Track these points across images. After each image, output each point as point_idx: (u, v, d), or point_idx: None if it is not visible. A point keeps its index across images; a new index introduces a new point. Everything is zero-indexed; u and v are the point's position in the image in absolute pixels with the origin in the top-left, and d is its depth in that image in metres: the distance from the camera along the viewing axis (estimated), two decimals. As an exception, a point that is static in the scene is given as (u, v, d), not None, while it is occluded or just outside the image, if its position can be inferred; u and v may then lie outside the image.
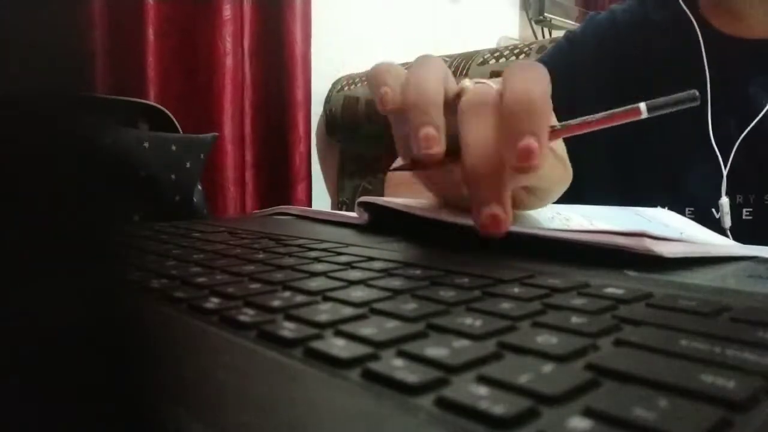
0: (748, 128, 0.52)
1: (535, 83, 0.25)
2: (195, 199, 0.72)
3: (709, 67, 0.55)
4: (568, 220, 0.37)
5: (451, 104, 0.28)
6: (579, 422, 0.10)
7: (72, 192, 0.09)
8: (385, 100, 0.28)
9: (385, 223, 0.36)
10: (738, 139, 0.52)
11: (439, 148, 0.26)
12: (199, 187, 0.76)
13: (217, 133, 0.78)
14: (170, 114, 0.79)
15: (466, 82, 0.29)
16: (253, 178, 1.26)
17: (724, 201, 0.51)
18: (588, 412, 0.10)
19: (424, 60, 0.30)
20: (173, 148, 0.68)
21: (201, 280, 0.22)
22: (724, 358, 0.13)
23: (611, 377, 0.12)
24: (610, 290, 0.19)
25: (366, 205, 0.38)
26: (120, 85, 1.04)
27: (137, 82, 1.06)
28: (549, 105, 0.26)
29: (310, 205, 1.33)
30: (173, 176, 0.67)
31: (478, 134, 0.25)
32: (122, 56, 1.05)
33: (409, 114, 0.27)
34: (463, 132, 0.26)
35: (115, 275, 0.10)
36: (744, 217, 0.51)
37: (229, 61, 1.15)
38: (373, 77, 0.29)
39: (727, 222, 0.51)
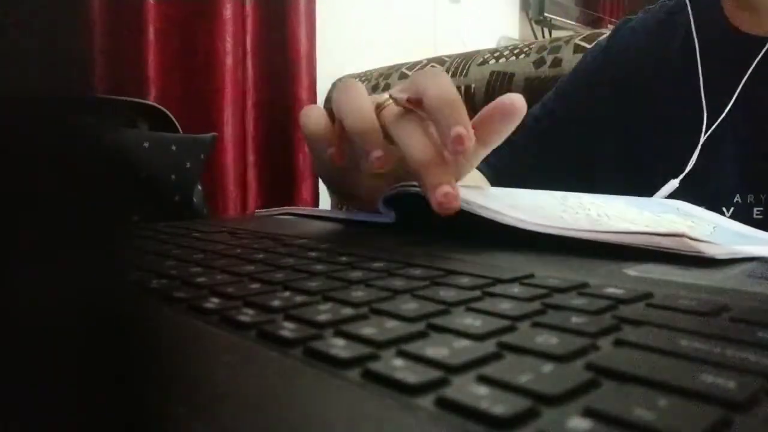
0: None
1: (449, 84, 0.31)
2: (195, 200, 0.72)
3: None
4: (579, 198, 0.38)
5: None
6: (579, 422, 0.10)
7: (72, 192, 0.09)
8: (335, 160, 0.35)
9: (408, 218, 0.35)
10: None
11: (389, 165, 0.32)
12: (199, 187, 0.76)
13: (216, 134, 0.78)
14: (170, 114, 0.79)
15: (383, 96, 0.35)
16: (255, 178, 1.26)
17: (674, 183, 0.52)
18: (588, 412, 0.10)
19: (347, 89, 0.34)
20: (173, 148, 0.68)
21: (201, 280, 0.22)
22: (724, 358, 0.13)
23: (611, 377, 0.12)
24: (610, 290, 0.19)
25: (390, 201, 0.36)
26: (121, 84, 1.04)
27: (138, 81, 1.06)
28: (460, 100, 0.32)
29: (316, 205, 1.33)
30: (173, 176, 0.67)
31: (413, 136, 0.31)
32: (123, 56, 1.06)
33: (354, 143, 0.33)
34: (400, 138, 0.32)
35: (115, 275, 0.10)
36: (755, 216, 0.51)
37: (229, 61, 1.15)
38: (306, 128, 0.36)
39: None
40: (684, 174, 0.52)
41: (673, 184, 0.52)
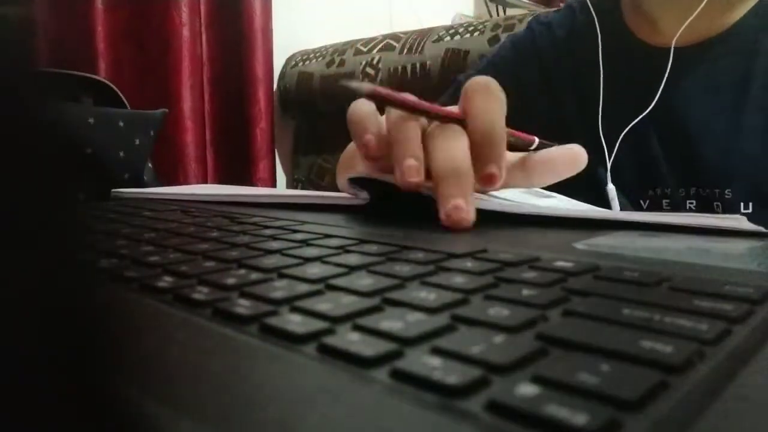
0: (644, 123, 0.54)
1: (496, 113, 0.31)
2: (146, 177, 0.70)
3: (612, 72, 0.57)
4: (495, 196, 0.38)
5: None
6: (527, 388, 0.11)
7: (12, 170, 0.09)
8: (370, 148, 0.32)
9: (375, 202, 0.35)
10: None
11: (419, 177, 0.30)
12: (150, 164, 0.74)
13: (166, 109, 0.76)
14: (116, 89, 0.76)
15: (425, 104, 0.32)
16: (213, 155, 1.22)
17: (611, 187, 0.54)
18: (536, 379, 0.11)
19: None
20: (121, 124, 0.66)
21: (153, 259, 0.21)
22: (663, 325, 0.14)
23: (559, 346, 0.13)
24: (559, 264, 0.20)
25: (359, 182, 0.35)
26: (67, 58, 0.99)
27: (86, 55, 1.01)
28: (505, 130, 0.31)
29: (273, 183, 1.31)
30: (121, 153, 0.65)
31: (445, 150, 0.30)
32: (69, 27, 1.00)
33: (394, 150, 0.31)
34: (433, 149, 0.30)
35: (65, 255, 0.09)
36: (688, 208, 0.54)
37: (186, 33, 1.11)
38: (355, 123, 0.33)
39: (616, 207, 0.54)
40: (609, 167, 0.54)
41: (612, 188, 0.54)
